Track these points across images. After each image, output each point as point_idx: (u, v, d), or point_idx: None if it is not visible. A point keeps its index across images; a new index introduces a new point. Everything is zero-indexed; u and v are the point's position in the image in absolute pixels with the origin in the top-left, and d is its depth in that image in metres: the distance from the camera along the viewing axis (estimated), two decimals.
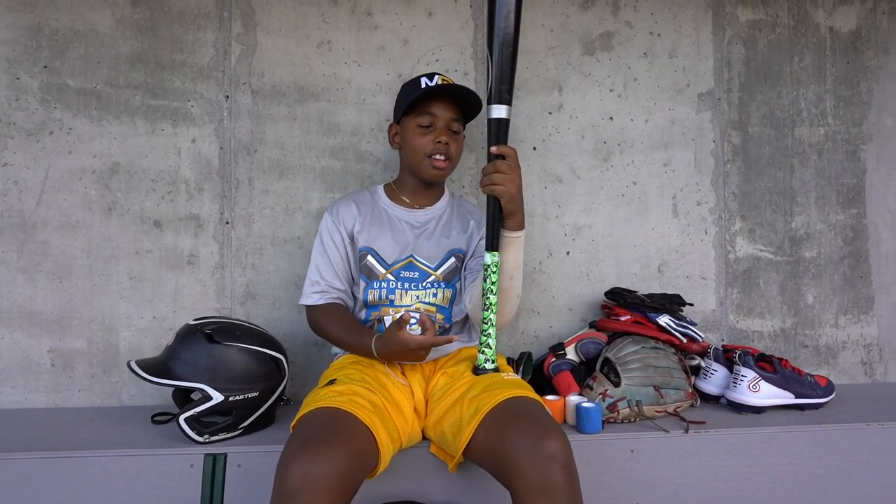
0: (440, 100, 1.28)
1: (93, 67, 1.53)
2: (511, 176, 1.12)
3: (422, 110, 1.28)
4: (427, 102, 1.28)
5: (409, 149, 1.32)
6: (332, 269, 1.31)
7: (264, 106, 1.58)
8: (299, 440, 0.96)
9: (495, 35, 1.13)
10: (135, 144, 1.54)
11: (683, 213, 1.69)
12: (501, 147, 1.14)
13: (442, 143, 1.28)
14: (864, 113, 1.75)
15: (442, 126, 1.28)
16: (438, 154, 1.29)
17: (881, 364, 1.73)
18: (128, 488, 1.16)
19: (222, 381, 1.21)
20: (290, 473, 0.90)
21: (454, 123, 1.30)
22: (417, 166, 1.31)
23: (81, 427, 1.33)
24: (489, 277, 1.16)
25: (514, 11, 1.13)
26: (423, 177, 1.32)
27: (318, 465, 0.90)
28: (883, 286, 1.74)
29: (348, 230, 1.32)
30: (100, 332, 1.52)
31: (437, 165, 1.29)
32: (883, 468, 1.30)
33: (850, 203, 1.74)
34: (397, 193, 1.38)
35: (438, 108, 1.28)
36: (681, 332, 1.46)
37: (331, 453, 0.92)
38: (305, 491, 0.89)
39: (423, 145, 1.29)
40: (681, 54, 1.70)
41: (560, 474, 0.93)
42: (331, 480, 0.90)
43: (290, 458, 0.92)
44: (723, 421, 1.33)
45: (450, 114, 1.29)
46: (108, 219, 1.54)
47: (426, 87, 1.26)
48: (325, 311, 1.29)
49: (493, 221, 1.16)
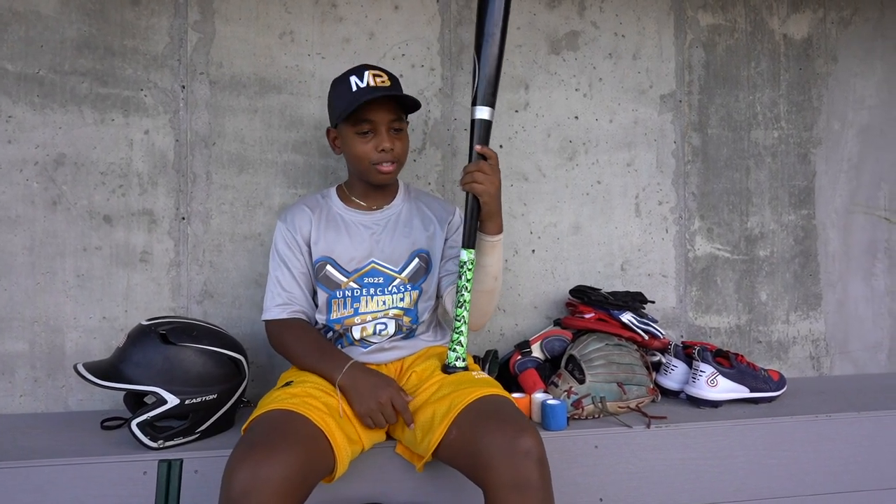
0: (376, 103, 1.19)
1: (35, 52, 1.44)
2: (492, 177, 1.11)
3: (358, 118, 1.19)
4: (362, 108, 1.18)
5: (351, 157, 1.24)
6: (293, 280, 1.24)
7: (223, 97, 1.52)
8: (247, 444, 0.94)
9: (484, 40, 1.14)
10: (82, 135, 1.46)
11: (646, 213, 1.73)
12: (485, 148, 1.14)
13: (386, 150, 1.20)
14: (814, 118, 1.82)
15: (383, 131, 1.20)
16: (384, 162, 1.22)
17: (828, 358, 1.81)
18: (75, 499, 1.09)
19: (178, 384, 1.16)
20: (236, 478, 0.88)
21: (395, 123, 1.22)
22: (364, 173, 1.25)
23: (23, 435, 1.26)
24: (464, 275, 1.15)
25: (503, 18, 1.14)
26: (372, 182, 1.26)
27: (265, 470, 0.88)
28: (830, 284, 1.82)
29: (305, 237, 1.25)
30: (43, 334, 1.44)
31: (384, 171, 1.22)
32: (830, 457, 1.36)
33: (800, 204, 1.81)
34: (350, 196, 1.32)
35: (375, 112, 1.19)
36: (643, 329, 1.49)
37: (279, 457, 0.90)
38: (252, 496, 0.87)
39: (367, 153, 1.21)
40: (644, 56, 1.73)
41: (534, 471, 0.94)
42: (278, 484, 0.88)
43: (237, 462, 0.90)
44: (682, 415, 1.37)
45: (389, 115, 1.20)
46: (52, 213, 1.45)
47: (357, 89, 1.17)
48: (288, 326, 1.22)
49: (470, 219, 1.15)
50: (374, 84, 1.18)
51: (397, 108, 1.23)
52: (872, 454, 1.38)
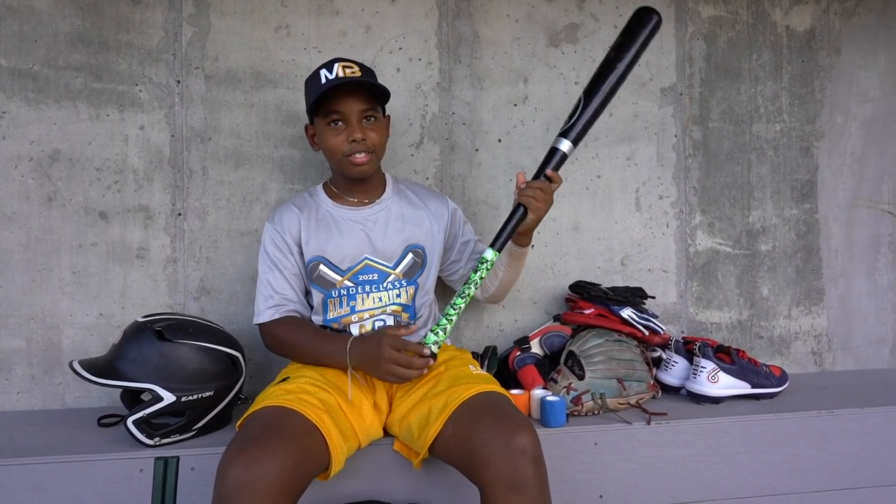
0: (345, 93, 1.17)
1: (28, 46, 1.42)
2: (548, 199, 1.18)
3: (328, 108, 1.18)
4: (331, 99, 1.17)
5: (326, 151, 1.23)
6: (284, 281, 1.22)
7: (219, 92, 1.50)
8: (240, 440, 0.93)
9: (600, 90, 1.18)
10: (77, 130, 1.45)
11: (646, 207, 1.71)
12: (556, 174, 1.19)
13: (357, 140, 1.18)
14: (817, 110, 1.80)
15: (354, 121, 1.18)
16: (357, 153, 1.20)
17: (830, 354, 1.80)
18: (72, 496, 1.09)
19: (174, 381, 1.15)
20: (230, 475, 0.87)
21: (368, 112, 1.20)
22: (339, 166, 1.24)
23: (20, 432, 1.25)
24: (480, 271, 1.15)
25: (620, 81, 1.19)
26: (349, 175, 1.24)
27: (259, 466, 0.88)
28: (832, 279, 1.80)
29: (294, 238, 1.24)
30: (40, 331, 1.43)
31: (357, 162, 1.20)
32: (832, 453, 1.35)
33: (803, 198, 1.79)
34: (337, 193, 1.30)
35: (345, 102, 1.17)
36: (643, 325, 1.48)
37: (272, 453, 0.90)
38: (245, 493, 0.86)
39: (338, 145, 1.19)
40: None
41: (530, 469, 0.93)
42: (272, 481, 0.88)
43: (230, 458, 0.89)
44: (683, 412, 1.35)
45: (359, 105, 1.18)
46: (48, 210, 1.44)
47: (325, 80, 1.16)
48: (283, 323, 1.21)
49: (510, 227, 1.17)
50: (344, 75, 1.16)
51: (370, 98, 1.21)
52: (875, 450, 1.36)
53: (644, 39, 1.20)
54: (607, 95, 1.19)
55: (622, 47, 1.20)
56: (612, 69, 1.19)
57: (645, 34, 1.20)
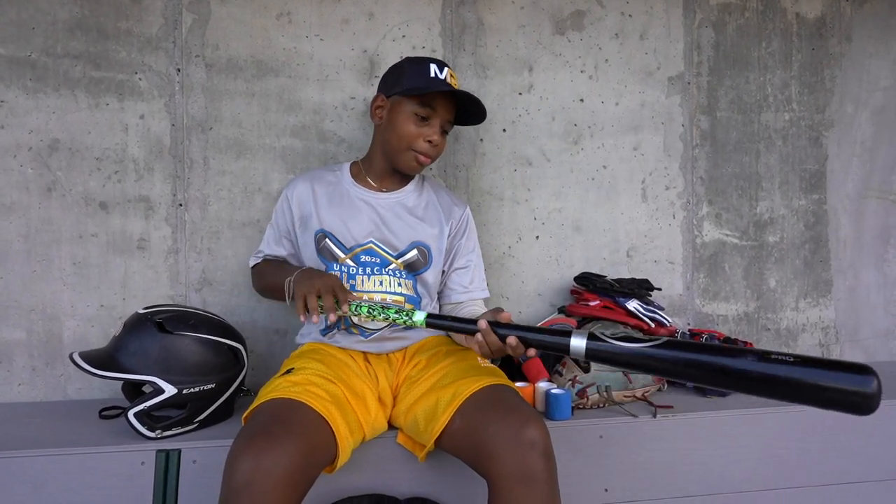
0: (448, 98, 1.22)
1: (26, 34, 1.40)
2: (494, 352, 1.00)
3: (425, 100, 1.19)
4: (435, 97, 1.20)
5: (394, 132, 1.22)
6: (277, 237, 1.32)
7: (219, 80, 1.48)
8: (249, 433, 0.92)
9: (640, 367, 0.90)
10: (76, 119, 1.43)
11: (652, 198, 1.69)
12: (519, 347, 0.97)
13: (433, 143, 1.21)
14: (826, 100, 1.77)
15: (438, 124, 1.21)
16: (425, 153, 1.22)
17: (837, 346, 1.78)
18: (73, 489, 1.08)
19: (175, 373, 1.14)
20: (238, 468, 0.86)
21: (448, 125, 1.25)
22: (397, 153, 1.23)
23: (20, 424, 1.24)
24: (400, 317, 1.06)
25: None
26: (400, 166, 1.25)
27: (268, 459, 0.87)
28: (840, 270, 1.78)
29: (298, 209, 1.27)
30: (41, 322, 1.42)
31: (421, 161, 1.23)
32: (841, 446, 1.33)
33: (811, 188, 1.77)
34: (363, 173, 1.30)
35: (442, 105, 1.21)
36: (649, 317, 1.46)
37: (282, 446, 0.89)
38: (255, 486, 0.85)
39: (413, 136, 1.20)
40: (651, 36, 1.68)
41: (539, 462, 0.92)
42: (281, 474, 0.86)
43: (239, 451, 0.88)
44: (689, 405, 1.34)
45: (448, 115, 1.23)
46: (47, 200, 1.42)
47: (436, 76, 1.19)
48: (263, 263, 1.33)
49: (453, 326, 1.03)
50: (452, 84, 1.21)
51: (455, 113, 1.26)
52: (884, 444, 1.35)
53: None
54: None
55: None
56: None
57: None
